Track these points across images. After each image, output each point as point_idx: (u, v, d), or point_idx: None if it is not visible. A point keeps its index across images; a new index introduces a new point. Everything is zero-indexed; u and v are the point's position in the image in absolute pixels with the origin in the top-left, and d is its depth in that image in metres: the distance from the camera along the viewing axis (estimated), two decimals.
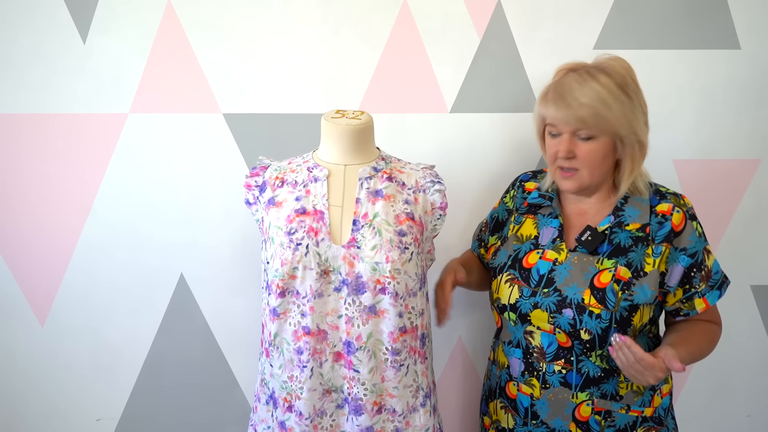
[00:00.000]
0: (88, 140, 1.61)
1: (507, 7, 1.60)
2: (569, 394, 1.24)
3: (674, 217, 1.21)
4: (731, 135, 1.66)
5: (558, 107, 1.19)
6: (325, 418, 1.21)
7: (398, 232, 1.19)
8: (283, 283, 1.17)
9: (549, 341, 1.25)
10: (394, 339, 1.18)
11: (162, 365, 1.69)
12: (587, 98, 1.16)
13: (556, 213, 1.31)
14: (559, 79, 1.23)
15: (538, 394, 1.27)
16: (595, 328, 1.20)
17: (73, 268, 1.65)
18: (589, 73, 1.20)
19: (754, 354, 1.74)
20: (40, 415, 1.70)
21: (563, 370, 1.24)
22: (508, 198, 1.43)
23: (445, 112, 1.64)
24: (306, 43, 1.60)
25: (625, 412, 1.24)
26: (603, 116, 1.17)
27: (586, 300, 1.20)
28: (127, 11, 1.58)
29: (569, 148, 1.20)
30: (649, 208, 1.24)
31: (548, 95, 1.22)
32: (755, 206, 1.69)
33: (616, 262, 1.21)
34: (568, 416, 1.25)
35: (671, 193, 1.27)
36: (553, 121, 1.21)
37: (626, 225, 1.23)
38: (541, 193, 1.34)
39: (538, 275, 1.27)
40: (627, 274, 1.20)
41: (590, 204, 1.29)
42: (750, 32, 1.62)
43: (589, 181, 1.23)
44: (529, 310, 1.26)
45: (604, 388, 1.24)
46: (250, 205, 1.29)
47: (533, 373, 1.27)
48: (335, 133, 1.25)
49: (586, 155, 1.20)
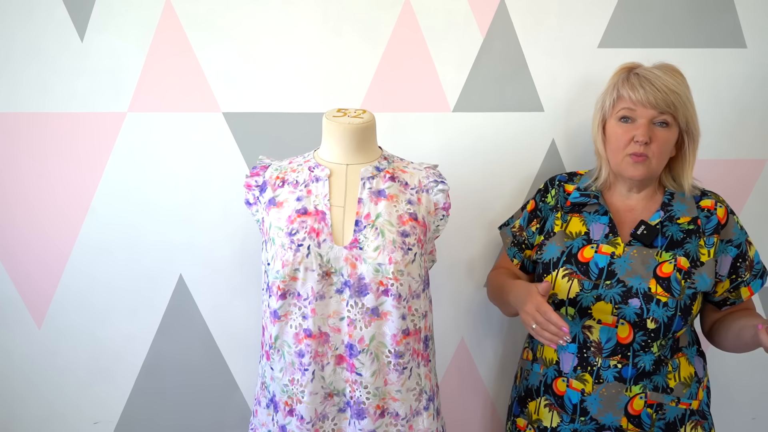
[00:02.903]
0: (86, 139, 1.59)
1: (510, 5, 1.59)
2: (623, 388, 1.26)
3: (718, 211, 1.31)
4: (737, 135, 1.65)
5: (646, 90, 1.24)
6: (327, 422, 1.19)
7: (401, 233, 1.18)
8: (284, 285, 1.15)
9: (608, 336, 1.27)
10: (397, 341, 1.16)
11: (161, 367, 1.67)
12: (673, 86, 1.24)
13: (605, 209, 1.34)
14: (636, 70, 1.29)
15: (590, 389, 1.28)
16: (662, 317, 1.24)
17: (71, 268, 1.63)
18: (664, 67, 1.28)
19: (759, 356, 1.73)
20: (38, 418, 1.68)
21: (619, 364, 1.26)
22: (550, 197, 1.44)
23: (447, 111, 1.62)
24: (307, 41, 1.59)
25: (675, 404, 1.27)
26: (685, 105, 1.25)
27: (653, 289, 1.24)
28: (126, 9, 1.56)
29: (648, 133, 1.25)
30: (694, 204, 1.32)
31: (630, 79, 1.27)
32: (761, 206, 1.67)
33: (674, 254, 1.27)
34: (620, 411, 1.26)
35: (709, 191, 1.36)
36: (638, 103, 1.25)
37: (677, 219, 1.30)
38: (584, 192, 1.38)
39: (597, 268, 1.29)
40: (687, 264, 1.26)
41: (637, 200, 1.34)
42: (756, 31, 1.61)
43: (656, 170, 1.29)
44: (591, 303, 1.27)
45: (656, 380, 1.27)
46: (250, 205, 1.27)
47: (587, 368, 1.28)
48: (337, 132, 1.23)
49: (663, 142, 1.26)
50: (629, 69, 1.31)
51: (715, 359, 1.71)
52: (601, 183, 1.37)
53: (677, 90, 1.24)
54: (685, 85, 1.27)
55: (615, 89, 1.30)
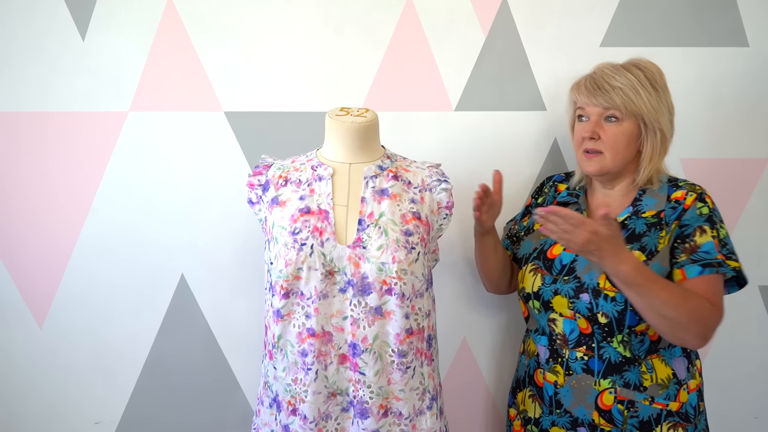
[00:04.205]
0: (87, 138, 1.59)
1: (512, 4, 1.59)
2: (591, 381, 1.27)
3: (687, 200, 1.26)
4: (739, 134, 1.64)
5: (589, 91, 1.28)
6: (330, 421, 1.19)
7: (405, 232, 1.17)
8: (287, 284, 1.15)
9: (571, 328, 1.29)
10: (401, 341, 1.16)
11: (162, 367, 1.67)
12: (618, 83, 1.26)
13: (582, 208, 1.37)
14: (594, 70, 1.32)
15: (562, 381, 1.30)
16: (611, 311, 1.23)
17: (73, 268, 1.62)
18: (623, 66, 1.30)
19: (762, 355, 1.73)
20: (39, 418, 1.68)
21: (585, 356, 1.28)
22: (541, 199, 1.49)
23: (449, 110, 1.62)
24: (309, 40, 1.58)
25: (648, 403, 1.25)
26: (631, 99, 1.25)
27: (602, 284, 1.24)
28: (127, 8, 1.56)
29: (594, 129, 1.27)
30: (666, 198, 1.29)
31: (582, 82, 1.31)
32: (763, 206, 1.67)
33: (630, 248, 1.25)
34: (591, 404, 1.27)
35: (689, 183, 1.31)
36: (583, 103, 1.30)
37: (642, 213, 1.29)
38: (570, 191, 1.42)
39: (560, 265, 1.32)
40: (641, 257, 1.24)
41: (613, 197, 1.34)
42: (758, 29, 1.61)
43: (611, 165, 1.28)
44: (550, 296, 1.31)
45: (627, 376, 1.26)
46: (253, 204, 1.27)
47: (557, 359, 1.31)
48: (340, 131, 1.23)
49: (611, 137, 1.27)
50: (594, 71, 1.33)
51: (716, 359, 1.72)
52: (580, 181, 1.40)
53: (621, 85, 1.25)
54: (643, 79, 1.27)
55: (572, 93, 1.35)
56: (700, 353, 1.71)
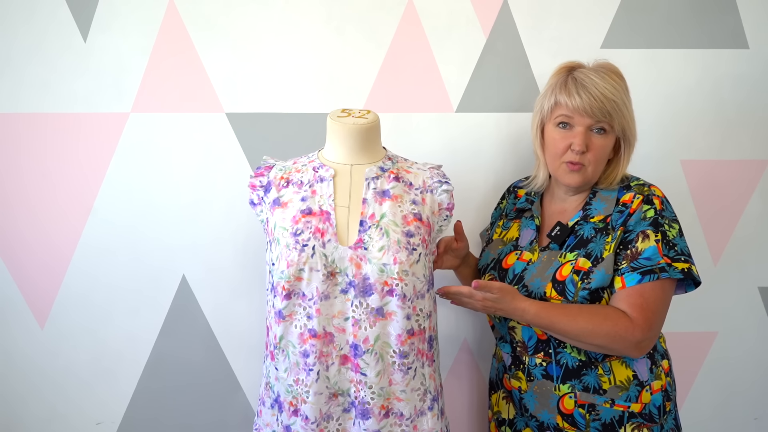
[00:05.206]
0: (88, 140, 1.59)
1: (513, 5, 1.59)
2: (552, 386, 1.27)
3: (633, 203, 1.24)
4: (739, 135, 1.65)
5: (582, 97, 1.21)
6: (332, 422, 1.19)
7: (406, 233, 1.18)
8: (288, 285, 1.15)
9: (529, 334, 1.30)
10: (402, 342, 1.16)
11: (163, 368, 1.67)
12: (609, 92, 1.21)
13: (535, 215, 1.36)
14: (574, 73, 1.26)
15: (525, 387, 1.31)
16: None
17: (74, 269, 1.62)
18: (603, 69, 1.25)
19: (761, 356, 1.73)
20: (40, 419, 1.68)
21: (544, 362, 1.29)
22: (503, 204, 1.50)
23: (450, 111, 1.62)
24: (310, 42, 1.59)
25: (609, 406, 1.24)
26: (621, 112, 1.22)
27: (548, 293, 1.24)
28: (129, 9, 1.56)
29: (586, 141, 1.23)
30: (615, 202, 1.27)
31: (567, 85, 1.24)
32: (763, 207, 1.67)
33: (577, 254, 1.24)
34: (554, 409, 1.27)
35: (639, 183, 1.28)
36: (575, 111, 1.22)
37: (591, 218, 1.27)
38: (528, 197, 1.41)
39: (513, 274, 1.32)
40: (586, 264, 1.23)
41: (571, 202, 1.33)
42: (759, 32, 1.61)
43: (591, 177, 1.27)
44: None
45: (586, 380, 1.25)
46: (254, 205, 1.27)
47: (519, 366, 1.33)
48: (342, 132, 1.23)
49: (598, 150, 1.24)
50: (568, 70, 1.27)
51: (716, 359, 1.72)
52: (540, 185, 1.37)
53: (614, 97, 1.21)
54: (624, 89, 1.24)
55: (553, 94, 1.26)
56: (700, 353, 1.73)
